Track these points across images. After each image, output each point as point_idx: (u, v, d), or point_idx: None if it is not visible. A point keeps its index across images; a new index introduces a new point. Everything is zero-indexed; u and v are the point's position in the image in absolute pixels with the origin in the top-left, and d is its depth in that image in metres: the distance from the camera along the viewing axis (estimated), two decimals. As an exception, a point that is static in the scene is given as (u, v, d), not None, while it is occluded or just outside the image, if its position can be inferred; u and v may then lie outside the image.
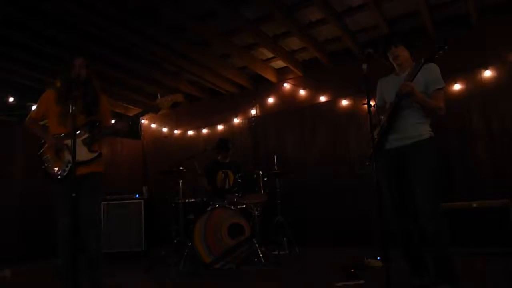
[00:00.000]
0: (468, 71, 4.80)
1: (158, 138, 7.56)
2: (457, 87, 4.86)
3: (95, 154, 2.92)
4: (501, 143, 4.60)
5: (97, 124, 2.96)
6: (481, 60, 4.75)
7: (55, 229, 2.83)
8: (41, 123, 3.10)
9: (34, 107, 6.09)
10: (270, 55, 5.75)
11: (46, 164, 2.94)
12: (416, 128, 2.73)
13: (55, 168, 2.89)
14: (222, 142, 5.24)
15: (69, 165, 2.83)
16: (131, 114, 7.59)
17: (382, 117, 2.88)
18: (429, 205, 2.59)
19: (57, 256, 2.81)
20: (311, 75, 6.04)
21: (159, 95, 3.09)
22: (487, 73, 4.71)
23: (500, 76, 4.67)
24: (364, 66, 2.68)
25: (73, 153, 2.57)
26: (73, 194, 2.51)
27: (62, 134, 2.89)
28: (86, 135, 2.90)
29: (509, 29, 4.62)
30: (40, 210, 5.65)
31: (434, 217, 2.58)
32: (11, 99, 6.04)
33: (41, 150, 2.99)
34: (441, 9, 4.75)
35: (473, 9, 4.54)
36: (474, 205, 4.19)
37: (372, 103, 2.66)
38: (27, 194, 5.66)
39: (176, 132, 7.34)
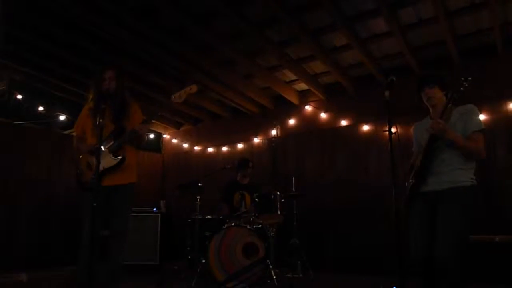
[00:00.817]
0: (493, 102, 4.73)
1: (179, 153, 7.67)
2: (482, 118, 4.77)
3: (118, 159, 2.96)
4: (526, 177, 4.49)
5: (123, 131, 3.01)
6: (507, 91, 4.68)
7: (76, 237, 2.89)
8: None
9: (62, 117, 6.40)
10: (293, 77, 5.82)
11: (79, 174, 3.04)
12: (456, 173, 2.56)
13: (85, 178, 2.98)
14: (243, 161, 5.29)
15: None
16: (154, 129, 7.76)
17: (417, 160, 2.76)
18: (455, 253, 2.42)
19: (75, 264, 2.86)
20: (333, 99, 6.07)
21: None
22: (513, 105, 4.64)
23: (526, 108, 4.59)
24: (387, 93, 2.68)
25: (97, 164, 2.65)
26: (94, 204, 2.58)
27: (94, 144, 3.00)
28: (112, 142, 2.98)
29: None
30: (62, 217, 5.80)
31: (452, 270, 2.40)
32: (40, 108, 6.28)
33: (78, 162, 3.09)
34: (467, 39, 4.73)
35: (499, 39, 4.51)
36: (497, 239, 4.07)
37: (393, 130, 2.65)
38: (50, 201, 5.80)
39: (197, 148, 7.44)
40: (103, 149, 2.88)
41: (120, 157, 2.96)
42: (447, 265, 2.42)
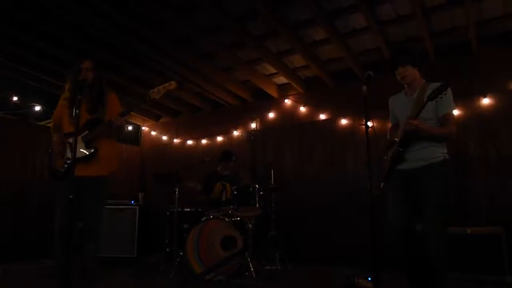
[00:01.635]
0: (467, 98, 4.86)
1: (158, 146, 7.60)
2: (455, 113, 4.91)
3: (91, 151, 2.91)
4: (496, 170, 4.64)
5: (98, 122, 2.96)
6: (480, 87, 4.81)
7: (50, 229, 2.84)
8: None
9: (37, 108, 6.24)
10: (273, 70, 5.83)
11: (50, 162, 3.00)
12: (429, 150, 2.69)
13: (56, 166, 2.94)
14: (226, 153, 5.29)
15: (67, 162, 2.89)
16: (132, 121, 7.66)
17: (395, 139, 2.86)
18: (434, 230, 2.56)
19: (50, 257, 2.82)
20: (313, 93, 6.11)
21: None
22: (486, 101, 4.78)
23: (498, 104, 4.73)
24: (364, 88, 2.74)
25: (74, 153, 2.61)
26: (70, 196, 2.54)
27: (68, 132, 2.96)
28: (86, 132, 2.94)
29: (508, 58, 4.71)
30: (36, 209, 5.71)
31: (438, 243, 2.56)
32: (15, 98, 6.10)
33: (51, 150, 3.04)
34: (443, 36, 4.83)
35: (473, 37, 4.62)
36: (468, 231, 4.20)
37: (370, 124, 2.72)
38: (23, 193, 5.71)
39: (176, 141, 7.39)
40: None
41: (93, 148, 2.92)
42: (433, 239, 2.55)
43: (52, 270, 2.78)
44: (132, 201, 5.79)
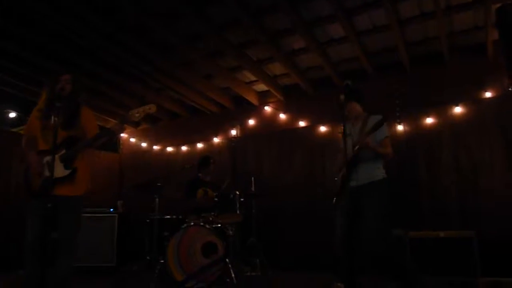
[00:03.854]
0: (439, 106, 5.05)
1: (137, 152, 7.54)
2: (428, 121, 5.09)
3: (70, 171, 2.87)
4: (467, 176, 4.82)
5: (76, 140, 2.93)
6: (452, 96, 5.00)
7: (21, 241, 2.79)
8: None
9: (12, 114, 6.12)
10: (253, 78, 5.90)
11: (27, 180, 2.91)
12: (371, 171, 3.21)
13: (33, 184, 2.87)
14: (204, 159, 5.32)
15: (45, 182, 2.82)
16: (109, 127, 7.57)
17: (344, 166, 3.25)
18: (379, 233, 3.02)
19: (22, 268, 2.76)
20: (292, 101, 6.21)
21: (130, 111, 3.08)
22: (457, 109, 4.97)
23: (469, 112, 4.92)
24: (342, 96, 2.87)
25: (51, 168, 2.58)
26: (49, 205, 2.51)
27: (44, 150, 2.88)
28: (63, 151, 2.88)
29: (478, 69, 4.91)
30: (4, 221, 5.52)
31: (384, 244, 3.01)
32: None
33: (27, 166, 2.97)
34: (417, 46, 5.01)
35: (445, 48, 4.81)
36: (441, 235, 4.34)
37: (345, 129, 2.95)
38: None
39: (155, 147, 7.35)
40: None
41: (71, 169, 2.88)
42: (377, 246, 3.00)
43: (23, 282, 2.72)
44: (111, 209, 5.73)
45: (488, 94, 4.86)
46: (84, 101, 3.13)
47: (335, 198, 3.39)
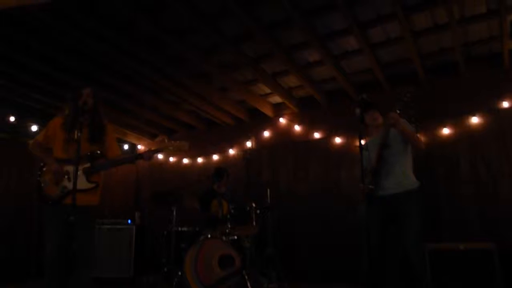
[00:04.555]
0: (457, 117, 5.02)
1: (153, 164, 7.63)
2: (446, 131, 5.07)
3: (93, 185, 2.96)
4: (486, 186, 4.76)
5: (100, 155, 3.02)
6: (469, 107, 4.98)
7: (38, 253, 2.85)
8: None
9: (34, 128, 6.27)
10: (268, 90, 5.95)
11: (42, 187, 2.98)
12: (405, 177, 3.12)
13: (50, 192, 2.93)
14: (218, 171, 5.37)
15: (64, 191, 2.88)
16: (127, 139, 7.70)
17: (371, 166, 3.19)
18: (419, 247, 2.99)
19: (42, 280, 2.81)
20: (307, 112, 6.24)
21: (166, 139, 3.19)
22: (475, 120, 4.93)
23: (486, 123, 4.89)
24: (357, 110, 2.90)
25: (75, 179, 2.63)
26: (71, 217, 2.56)
27: (64, 159, 2.95)
28: (87, 164, 2.96)
29: (494, 80, 4.89)
30: (26, 230, 5.66)
31: (421, 258, 2.99)
32: (11, 118, 6.15)
33: (41, 173, 3.04)
34: (432, 57, 5.01)
35: (461, 58, 4.80)
36: (461, 247, 4.29)
37: (363, 142, 2.93)
38: (20, 209, 5.66)
39: (172, 159, 7.44)
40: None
41: (95, 183, 2.97)
42: (416, 265, 2.92)
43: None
44: (129, 221, 5.81)
45: (505, 104, 4.82)
46: (105, 115, 3.22)
47: (362, 206, 3.24)
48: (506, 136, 4.76)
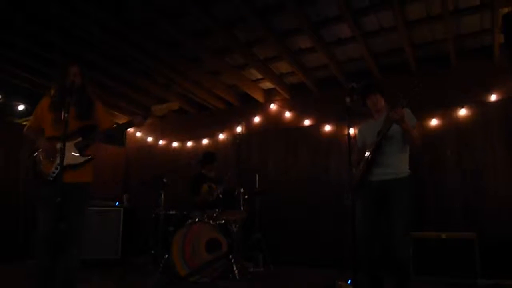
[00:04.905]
0: (445, 108, 5.07)
1: (143, 147, 7.61)
2: (434, 122, 5.12)
3: (86, 158, 2.93)
4: (471, 177, 4.85)
5: (92, 128, 2.98)
6: (457, 98, 5.02)
7: (29, 230, 2.85)
8: None
9: (21, 107, 6.20)
10: (259, 76, 5.93)
11: (36, 165, 2.96)
12: (398, 165, 3.05)
13: (45, 170, 2.92)
14: (207, 155, 5.37)
15: (59, 168, 2.89)
16: (119, 121, 7.64)
17: (367, 153, 3.12)
18: (405, 235, 2.97)
19: (31, 257, 2.82)
20: (298, 99, 6.24)
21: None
22: (462, 111, 4.99)
23: (473, 115, 4.95)
24: (347, 99, 2.90)
25: (61, 158, 2.63)
26: (58, 199, 2.56)
27: (54, 136, 2.93)
28: (79, 139, 2.93)
29: (483, 72, 4.93)
30: (22, 209, 5.63)
31: (406, 247, 2.99)
32: (-2, 98, 6.06)
33: (34, 152, 3.02)
34: (424, 48, 5.03)
35: (452, 50, 4.82)
36: (443, 236, 4.39)
37: (352, 132, 2.91)
38: (7, 192, 5.64)
39: (161, 142, 7.42)
40: (67, 144, 2.83)
41: (88, 156, 2.94)
42: (399, 252, 2.89)
43: (34, 271, 2.79)
44: (117, 203, 5.81)
45: (493, 97, 4.88)
46: (94, 94, 3.18)
47: (352, 192, 3.12)
48: (492, 129, 4.82)
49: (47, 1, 3.89)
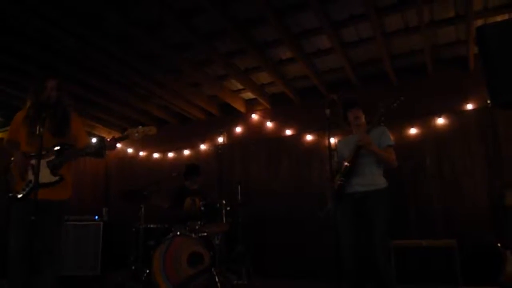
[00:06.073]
0: (423, 117, 5.16)
1: (123, 158, 7.48)
2: (413, 131, 5.20)
3: (57, 178, 2.85)
4: (450, 185, 4.93)
5: (66, 147, 2.92)
6: (435, 108, 5.12)
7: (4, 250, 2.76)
8: None
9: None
10: (240, 86, 5.93)
11: (9, 182, 2.88)
12: (376, 177, 3.15)
13: (16, 187, 2.84)
14: (191, 167, 5.29)
15: (30, 185, 2.80)
16: (97, 133, 7.51)
17: (345, 163, 3.20)
18: (384, 244, 3.06)
19: (5, 278, 2.73)
20: (279, 109, 6.25)
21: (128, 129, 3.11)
22: (440, 120, 5.08)
23: (450, 123, 5.05)
24: (327, 111, 2.92)
25: (36, 174, 2.55)
26: (32, 218, 2.47)
27: (30, 153, 2.85)
28: (52, 157, 2.86)
29: (461, 82, 5.05)
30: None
31: (386, 256, 3.10)
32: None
33: (7, 169, 2.93)
34: (401, 58, 5.12)
35: (429, 60, 4.92)
36: (424, 244, 4.44)
37: (332, 140, 2.98)
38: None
39: (142, 153, 7.31)
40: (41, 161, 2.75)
41: (58, 176, 2.85)
42: (380, 262, 2.95)
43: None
44: (96, 217, 5.68)
45: (469, 106, 4.99)
46: (71, 107, 3.10)
47: (330, 204, 3.27)
48: (469, 137, 4.93)
49: (24, 12, 3.80)
